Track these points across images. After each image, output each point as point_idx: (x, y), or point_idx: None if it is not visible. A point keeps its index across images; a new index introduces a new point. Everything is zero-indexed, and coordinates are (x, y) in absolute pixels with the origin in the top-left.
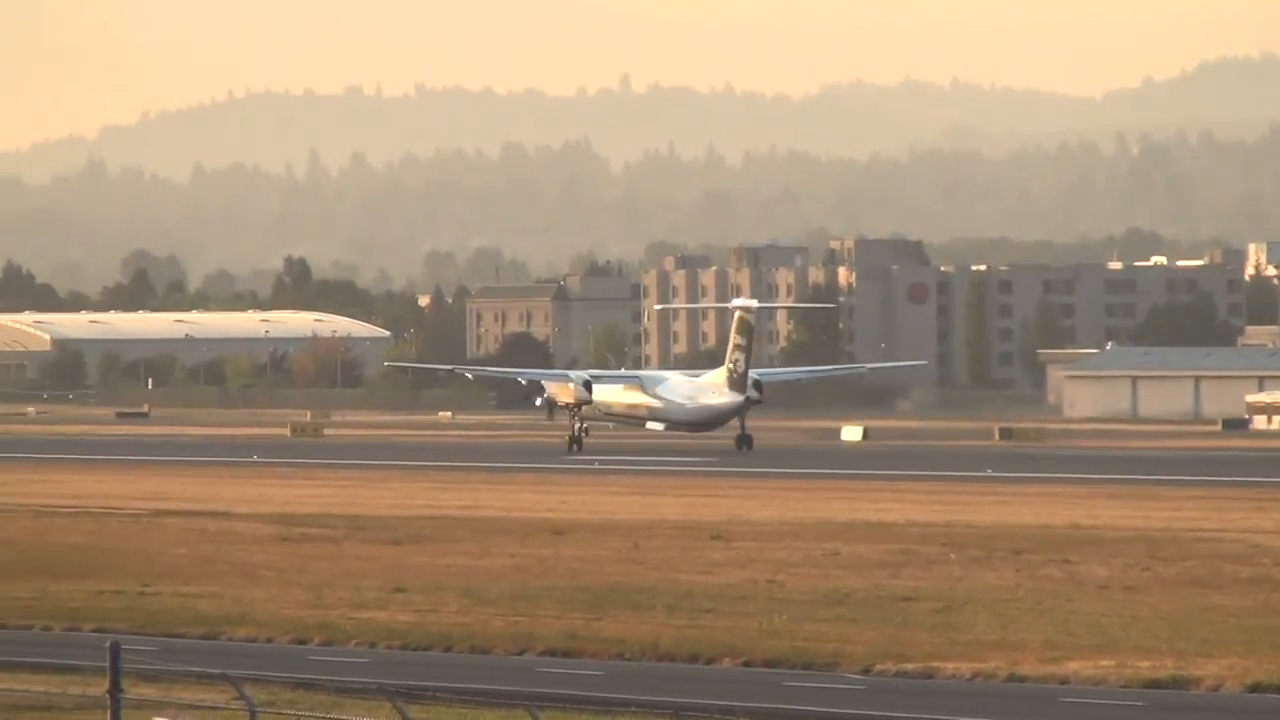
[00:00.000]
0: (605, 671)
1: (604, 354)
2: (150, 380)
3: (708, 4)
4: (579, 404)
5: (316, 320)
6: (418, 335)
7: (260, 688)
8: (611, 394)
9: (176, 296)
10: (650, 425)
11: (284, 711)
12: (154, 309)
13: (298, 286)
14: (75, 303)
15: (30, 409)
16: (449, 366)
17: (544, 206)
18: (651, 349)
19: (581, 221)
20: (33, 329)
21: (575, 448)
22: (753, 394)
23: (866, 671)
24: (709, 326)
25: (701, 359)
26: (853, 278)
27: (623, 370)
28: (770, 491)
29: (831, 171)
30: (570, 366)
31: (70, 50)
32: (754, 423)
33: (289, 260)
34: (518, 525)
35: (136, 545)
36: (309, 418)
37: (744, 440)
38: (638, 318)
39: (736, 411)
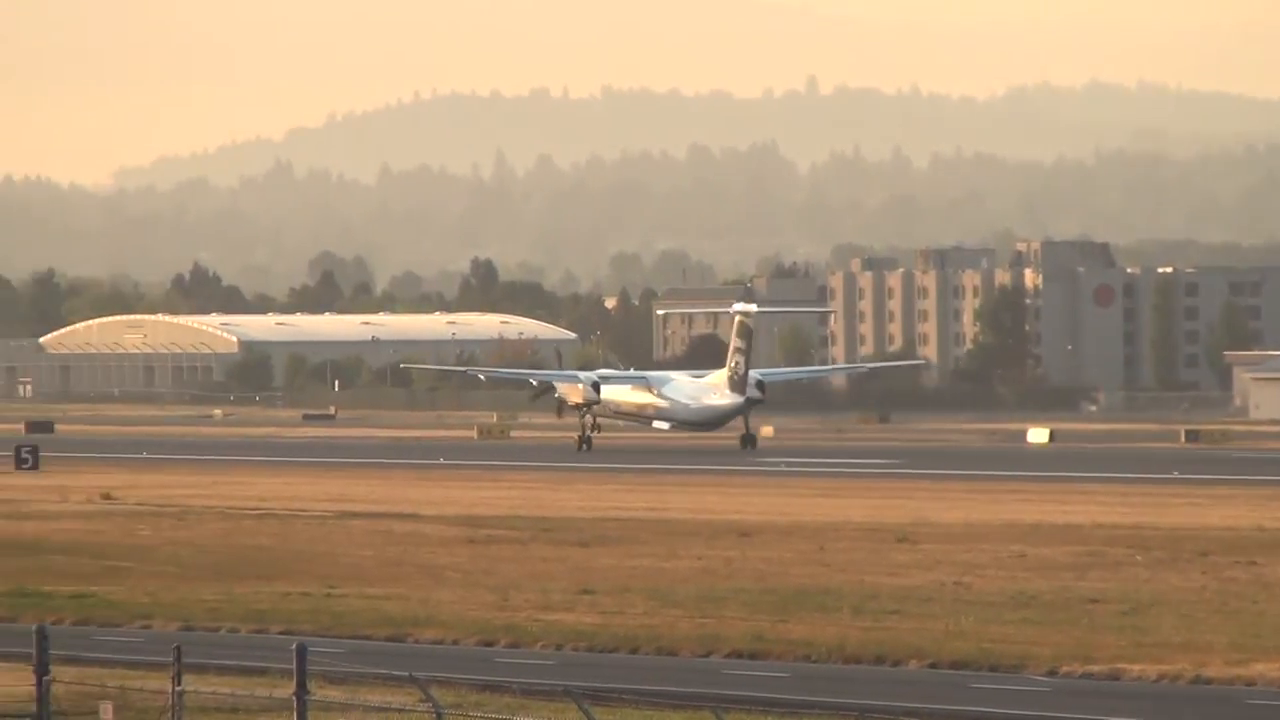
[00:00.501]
0: (791, 673)
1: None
2: (336, 382)
3: (894, 5)
4: (588, 404)
5: (503, 322)
6: (604, 337)
7: (446, 689)
8: (620, 394)
9: (363, 298)
10: (656, 424)
11: (470, 714)
12: (340, 311)
13: (484, 288)
14: (262, 305)
15: (217, 411)
16: (462, 369)
17: (730, 208)
18: (839, 351)
19: (767, 224)
20: (219, 331)
21: (585, 447)
22: (755, 394)
23: (1052, 673)
24: (895, 329)
25: (887, 360)
26: (1039, 280)
27: (631, 371)
28: (956, 494)
29: (1017, 173)
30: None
31: (258, 53)
32: (940, 424)
33: (475, 262)
34: (704, 527)
35: (323, 547)
36: (495, 420)
37: (748, 439)
38: (824, 320)
39: (738, 412)
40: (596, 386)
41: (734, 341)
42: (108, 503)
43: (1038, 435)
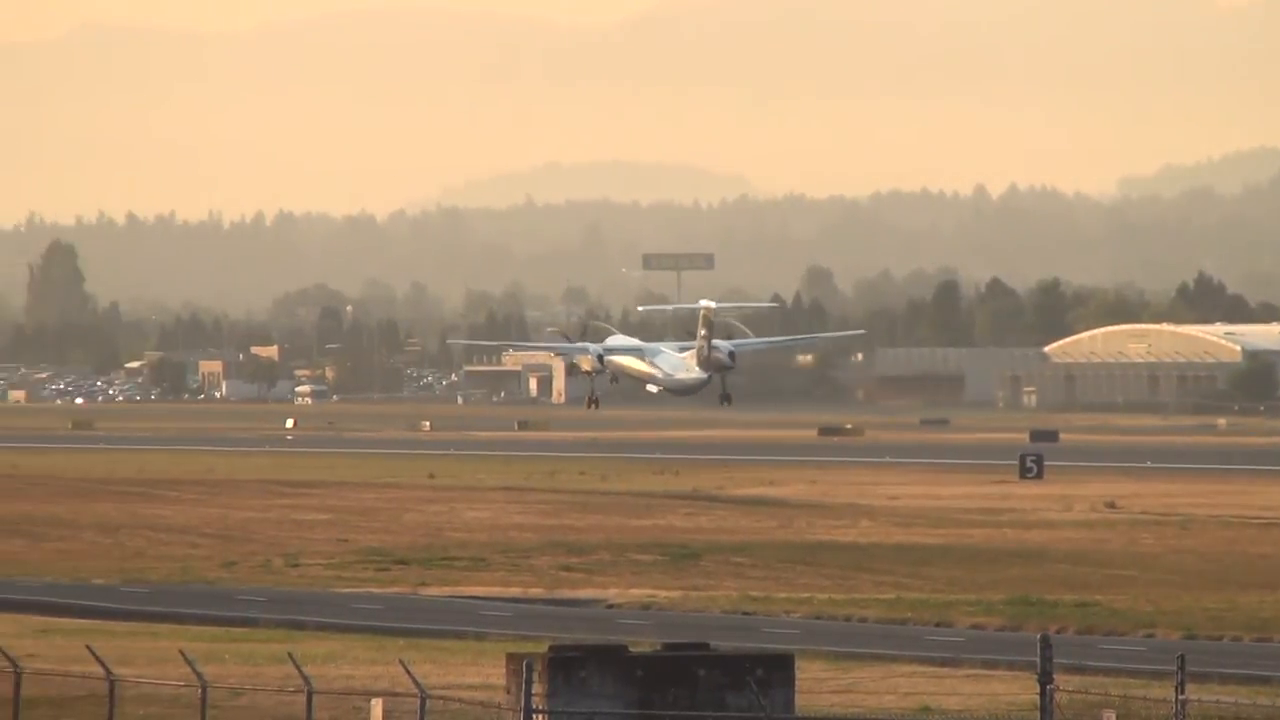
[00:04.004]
0: None
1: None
2: None
3: None
4: (595, 371)
5: None
6: None
7: None
8: (621, 361)
9: None
10: (649, 387)
11: None
12: None
13: None
14: (1265, 314)
15: (1220, 421)
16: (495, 344)
17: None
18: None
19: None
20: (1222, 340)
21: (593, 405)
22: (727, 361)
23: None
24: None
25: None
26: None
27: (635, 341)
28: None
29: None
30: None
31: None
32: None
33: None
34: None
35: None
36: None
37: (725, 398)
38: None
39: (708, 382)
40: (600, 358)
41: (700, 330)
42: (1111, 512)
43: None
